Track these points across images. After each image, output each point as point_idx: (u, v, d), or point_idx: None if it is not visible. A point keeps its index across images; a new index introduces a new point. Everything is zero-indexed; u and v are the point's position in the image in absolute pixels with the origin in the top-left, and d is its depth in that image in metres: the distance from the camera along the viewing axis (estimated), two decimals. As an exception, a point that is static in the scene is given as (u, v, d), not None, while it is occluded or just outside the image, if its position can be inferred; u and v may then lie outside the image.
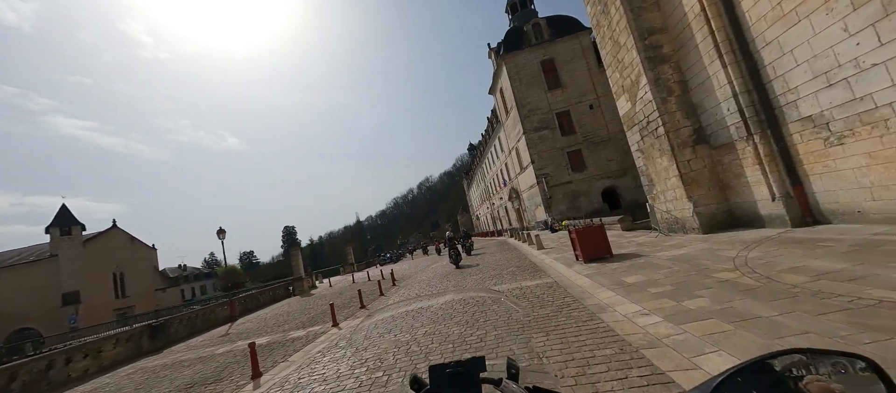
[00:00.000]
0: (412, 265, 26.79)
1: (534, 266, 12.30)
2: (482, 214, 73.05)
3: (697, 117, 10.80)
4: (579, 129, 31.94)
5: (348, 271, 34.01)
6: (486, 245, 29.49)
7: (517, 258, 15.50)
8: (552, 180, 31.67)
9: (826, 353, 0.70)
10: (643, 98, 11.70)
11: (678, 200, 11.31)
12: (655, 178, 12.47)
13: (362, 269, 37.37)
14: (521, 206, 39.74)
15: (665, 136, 11.03)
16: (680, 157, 10.83)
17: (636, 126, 12.90)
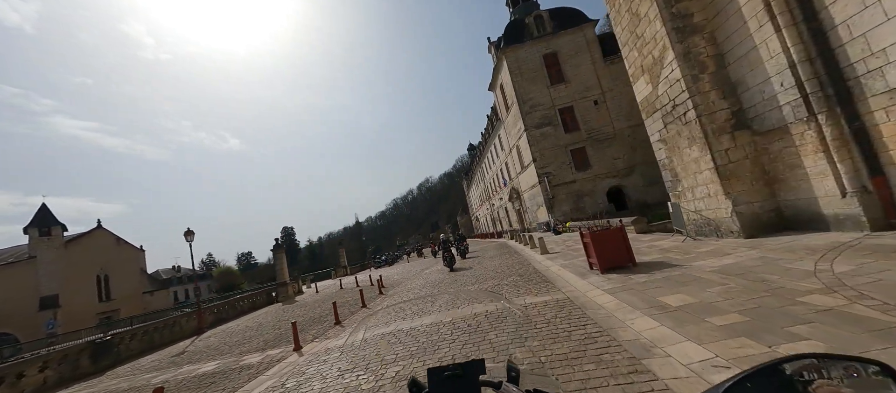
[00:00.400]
0: (405, 270, 24.91)
1: (538, 275, 10.41)
2: (482, 215, 71.15)
3: (737, 97, 8.92)
4: (584, 125, 30.08)
5: (341, 274, 32.14)
6: (485, 248, 27.60)
7: (519, 264, 13.62)
8: (555, 179, 29.80)
9: (838, 357, 0.68)
10: (668, 77, 9.83)
11: (711, 198, 9.42)
12: (681, 172, 10.59)
13: (356, 272, 35.53)
14: (522, 206, 37.86)
15: (696, 121, 9.15)
16: (715, 146, 8.94)
17: (658, 112, 11.02)
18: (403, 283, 16.73)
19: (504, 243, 28.78)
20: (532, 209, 34.57)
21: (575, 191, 29.58)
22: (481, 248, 29.55)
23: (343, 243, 34.66)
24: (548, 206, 29.84)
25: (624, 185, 29.33)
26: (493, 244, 30.62)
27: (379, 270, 32.72)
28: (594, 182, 29.51)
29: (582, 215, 28.83)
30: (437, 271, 17.70)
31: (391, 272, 24.13)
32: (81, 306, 35.69)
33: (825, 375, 0.66)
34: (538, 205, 32.26)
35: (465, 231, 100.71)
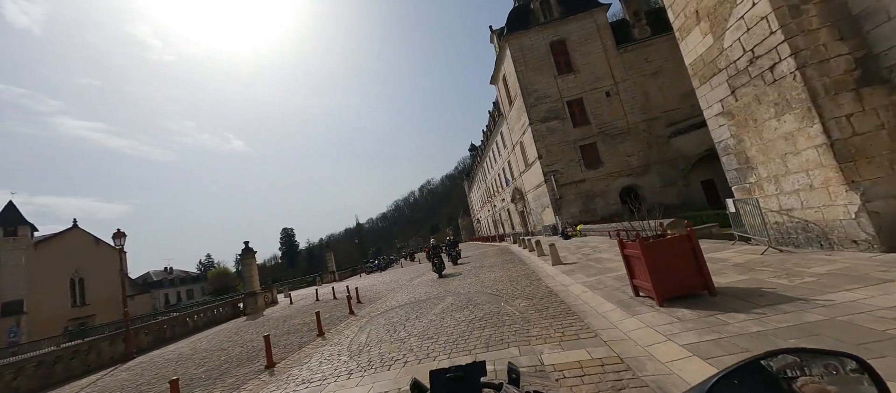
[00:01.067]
0: (394, 278, 21.86)
1: (555, 299, 7.33)
2: (483, 217, 68.04)
3: (863, 37, 5.83)
4: (594, 119, 26.97)
5: (328, 280, 29.08)
6: (485, 253, 24.52)
7: (525, 278, 10.53)
8: (562, 178, 26.69)
9: (818, 353, 0.69)
10: (745, 17, 6.74)
11: (814, 191, 6.32)
12: (758, 155, 7.47)
13: (346, 277, 32.46)
14: (526, 208, 34.73)
15: (794, 75, 6.06)
16: (828, 112, 5.84)
17: (721, 74, 7.91)
18: (385, 296, 13.66)
19: (506, 248, 25.68)
20: (537, 211, 31.44)
21: (585, 191, 26.45)
22: (481, 252, 26.49)
23: (331, 246, 31.57)
24: (555, 207, 26.71)
25: (638, 185, 26.17)
26: (495, 249, 27.54)
27: (370, 276, 29.70)
28: (606, 181, 26.37)
29: (592, 218, 25.71)
30: (426, 282, 14.68)
31: (378, 281, 21.10)
32: (51, 313, 32.82)
33: (807, 372, 0.67)
34: (543, 206, 29.15)
35: (466, 233, 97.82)
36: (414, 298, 11.35)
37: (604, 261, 10.45)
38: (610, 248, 12.79)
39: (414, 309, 9.36)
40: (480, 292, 9.78)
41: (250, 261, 18.86)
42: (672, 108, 26.19)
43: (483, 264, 16.93)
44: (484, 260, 19.12)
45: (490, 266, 15.61)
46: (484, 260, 19.12)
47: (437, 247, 17.06)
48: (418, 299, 10.80)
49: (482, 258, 20.79)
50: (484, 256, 21.79)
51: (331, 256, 30.85)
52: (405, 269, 28.71)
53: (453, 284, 12.31)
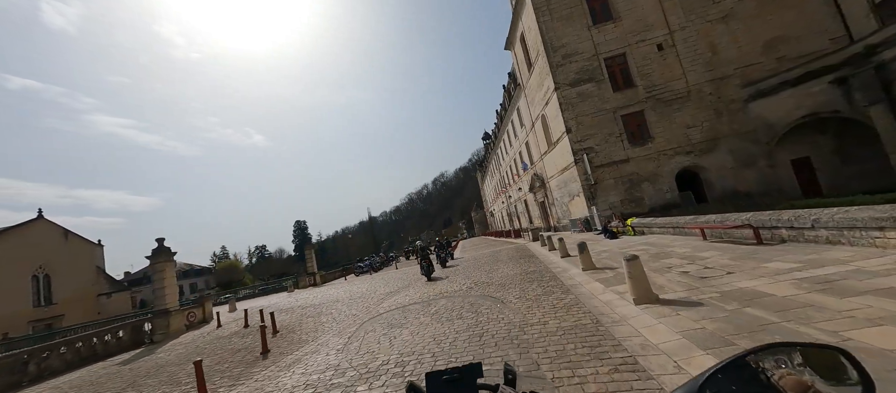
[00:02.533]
0: (376, 287, 16.20)
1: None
2: (497, 209, 61.71)
3: None
4: (641, 80, 20.34)
5: (306, 285, 23.69)
6: (496, 254, 18.39)
7: (576, 333, 4.46)
8: (598, 158, 20.26)
9: (802, 346, 0.70)
10: None
11: None
12: None
13: (331, 279, 26.97)
14: (548, 198, 28.35)
15: None
16: None
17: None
18: (321, 332, 7.86)
19: (523, 248, 19.50)
20: (562, 201, 25.06)
21: (628, 174, 19.95)
22: (491, 252, 20.43)
23: (310, 242, 26.10)
24: (587, 195, 20.33)
25: (702, 165, 19.48)
26: (510, 248, 21.40)
27: (358, 280, 24.14)
28: (657, 161, 19.77)
29: (638, 209, 19.25)
30: (415, 297, 8.94)
31: (355, 291, 15.45)
32: (8, 312, 28.68)
33: (791, 365, 0.68)
34: (571, 195, 22.77)
35: (480, 227, 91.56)
36: (375, 339, 5.55)
37: (758, 295, 4.28)
38: (722, 256, 6.63)
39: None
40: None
41: (164, 266, 13.42)
42: (750, 62, 19.28)
43: (492, 276, 10.88)
44: (494, 269, 13.09)
45: (499, 282, 9.53)
46: (494, 269, 13.09)
47: (426, 248, 16.39)
48: (380, 337, 5.00)
49: (491, 264, 14.74)
50: (494, 261, 15.75)
51: (311, 255, 25.30)
52: (401, 270, 23.00)
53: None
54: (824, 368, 0.67)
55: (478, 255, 21.33)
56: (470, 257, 20.63)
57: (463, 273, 13.65)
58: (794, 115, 17.73)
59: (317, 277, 24.22)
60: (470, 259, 19.44)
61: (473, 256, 21.39)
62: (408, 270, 22.20)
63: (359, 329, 7.88)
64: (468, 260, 19.17)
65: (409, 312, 7.76)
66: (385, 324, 6.81)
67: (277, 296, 22.90)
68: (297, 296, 19.05)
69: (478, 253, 22.78)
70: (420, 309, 7.60)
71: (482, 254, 21.20)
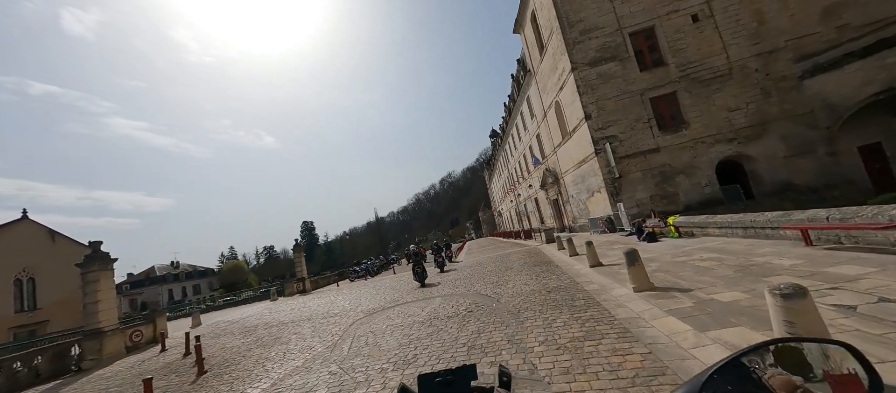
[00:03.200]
0: (365, 297, 13.69)
1: None
2: (505, 209, 58.83)
3: None
4: (673, 57, 17.42)
5: (293, 292, 21.18)
6: (507, 257, 15.62)
7: None
8: (622, 148, 17.41)
9: (807, 340, 0.69)
10: None
11: None
12: None
13: (323, 285, 24.50)
14: (562, 195, 25.48)
15: None
16: None
17: None
18: (281, 376, 5.31)
19: (537, 251, 16.71)
20: (578, 199, 22.19)
21: (658, 165, 17.05)
22: (499, 256, 17.67)
23: (300, 245, 23.53)
24: (610, 191, 17.48)
25: (747, 155, 16.49)
26: (520, 251, 18.62)
27: (352, 287, 21.64)
28: (693, 150, 16.83)
29: (671, 206, 16.37)
30: (398, 321, 6.35)
31: (337, 305, 12.96)
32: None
33: (797, 359, 0.67)
34: (590, 191, 19.92)
35: (488, 227, 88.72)
36: None
37: None
38: (887, 275, 3.78)
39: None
40: None
41: (98, 276, 11.09)
42: (805, 32, 16.23)
43: (500, 289, 8.20)
44: (503, 277, 10.40)
45: (518, 296, 6.84)
46: (503, 277, 10.40)
47: (419, 253, 14.61)
48: None
49: (499, 269, 12.03)
50: (504, 266, 13.03)
51: (301, 260, 22.79)
52: (398, 276, 20.43)
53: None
54: (829, 363, 0.65)
55: (484, 259, 18.62)
56: (475, 262, 17.94)
57: (465, 283, 10.99)
58: (862, 93, 14.66)
59: (305, 283, 21.75)
60: (474, 264, 16.75)
61: (479, 260, 18.69)
62: (406, 275, 19.58)
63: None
64: (472, 265, 16.49)
65: (381, 349, 5.19)
66: (346, 365, 4.43)
67: (254, 306, 20.36)
68: (276, 307, 16.58)
69: (484, 257, 20.07)
70: (397, 344, 5.04)
71: (489, 258, 18.48)
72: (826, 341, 0.69)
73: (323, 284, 24.32)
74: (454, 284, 11.46)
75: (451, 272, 16.51)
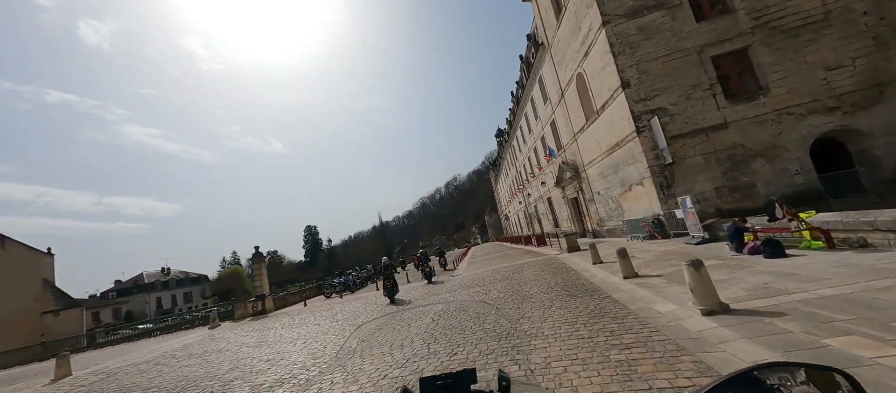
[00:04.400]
0: (328, 331, 9.31)
1: None
2: (512, 212, 54.08)
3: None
4: (743, 1, 12.76)
5: (245, 313, 16.57)
6: (519, 272, 10.77)
7: None
8: (674, 124, 12.76)
9: (803, 366, 0.69)
10: None
11: None
12: None
13: (296, 301, 19.91)
14: (583, 192, 20.76)
15: None
16: None
17: None
18: None
19: (558, 264, 11.98)
20: (608, 195, 17.49)
21: (726, 146, 12.35)
22: (507, 269, 12.89)
23: (261, 257, 19.07)
24: (658, 182, 12.80)
25: (854, 128, 11.70)
26: (536, 263, 13.88)
27: (330, 301, 17.18)
28: (776, 125, 12.09)
29: (746, 202, 11.70)
30: None
31: (280, 346, 8.77)
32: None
33: (794, 383, 0.67)
34: (626, 185, 15.23)
35: (494, 232, 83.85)
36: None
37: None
38: None
39: None
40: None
41: None
42: (941, -46, 11.44)
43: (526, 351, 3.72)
44: (514, 334, 5.83)
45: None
46: (514, 334, 5.83)
47: (390, 267, 12.80)
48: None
49: (518, 304, 7.48)
50: (518, 298, 8.45)
51: (261, 272, 18.17)
52: (381, 294, 15.95)
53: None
54: (826, 388, 0.65)
55: (487, 273, 14.00)
56: (475, 276, 13.33)
57: (446, 330, 6.44)
58: None
59: (265, 301, 17.32)
60: (474, 280, 12.16)
61: (481, 274, 14.07)
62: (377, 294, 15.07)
63: None
64: (471, 282, 11.88)
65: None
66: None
67: (175, 339, 15.49)
68: (197, 344, 12.16)
69: (488, 269, 15.47)
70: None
71: (494, 273, 13.87)
72: (823, 368, 0.68)
73: (293, 300, 19.85)
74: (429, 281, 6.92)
75: (440, 284, 11.99)
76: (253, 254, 18.55)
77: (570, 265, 11.58)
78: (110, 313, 50.95)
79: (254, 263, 18.39)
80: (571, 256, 13.75)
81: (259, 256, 18.72)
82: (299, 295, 21.20)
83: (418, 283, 16.34)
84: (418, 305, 9.92)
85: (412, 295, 12.67)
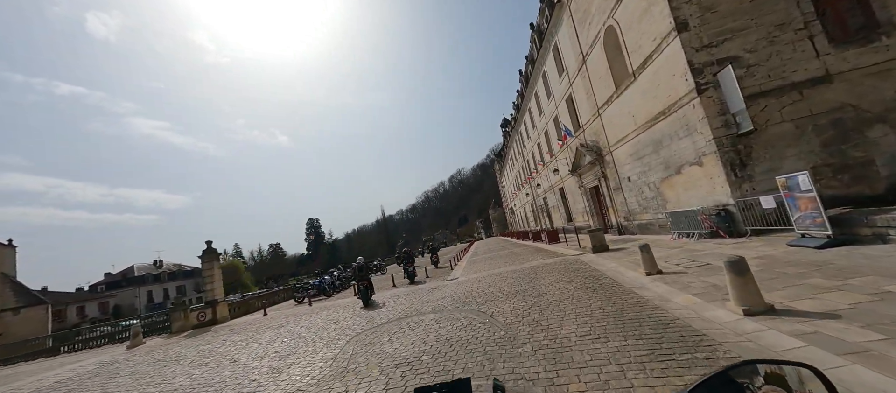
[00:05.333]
0: (268, 362, 5.75)
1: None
2: (518, 205, 50.51)
3: None
4: None
5: (188, 325, 13.00)
6: (534, 279, 7.17)
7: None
8: (752, 79, 9.09)
9: (777, 362, 0.71)
10: None
11: None
12: None
13: (261, 307, 16.20)
14: (607, 179, 17.13)
15: None
16: None
17: None
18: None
19: (586, 269, 8.42)
20: (643, 181, 13.86)
21: (828, 109, 8.67)
22: (515, 272, 9.28)
23: (213, 251, 15.50)
24: (729, 159, 9.17)
25: None
26: (554, 266, 10.37)
27: (299, 310, 13.89)
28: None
29: (856, 185, 7.99)
30: None
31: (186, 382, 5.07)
32: None
33: (765, 381, 0.69)
34: (671, 166, 11.60)
35: (498, 226, 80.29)
36: None
37: None
38: None
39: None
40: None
41: None
42: None
43: None
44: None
45: None
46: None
47: (365, 267, 11.92)
48: None
49: (541, 366, 3.95)
50: (537, 327, 4.90)
51: (212, 272, 14.41)
52: (356, 302, 12.63)
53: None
54: (795, 383, 0.67)
55: (489, 280, 10.53)
56: (474, 285, 9.88)
57: None
58: None
59: (216, 309, 13.95)
60: (474, 291, 8.74)
61: (481, 281, 10.62)
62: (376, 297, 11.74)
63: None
64: (467, 295, 8.46)
65: None
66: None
67: (81, 358, 11.88)
68: (77, 380, 8.88)
69: (491, 272, 12.02)
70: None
71: (500, 278, 10.41)
72: (794, 364, 0.70)
73: (257, 306, 16.35)
74: None
75: (425, 292, 8.56)
76: (204, 250, 15.20)
77: (605, 273, 8.07)
78: (97, 308, 48.40)
79: (204, 261, 15.06)
80: (601, 259, 10.23)
81: (211, 251, 15.37)
82: (271, 298, 17.87)
83: (403, 287, 12.96)
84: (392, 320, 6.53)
85: (388, 314, 9.25)
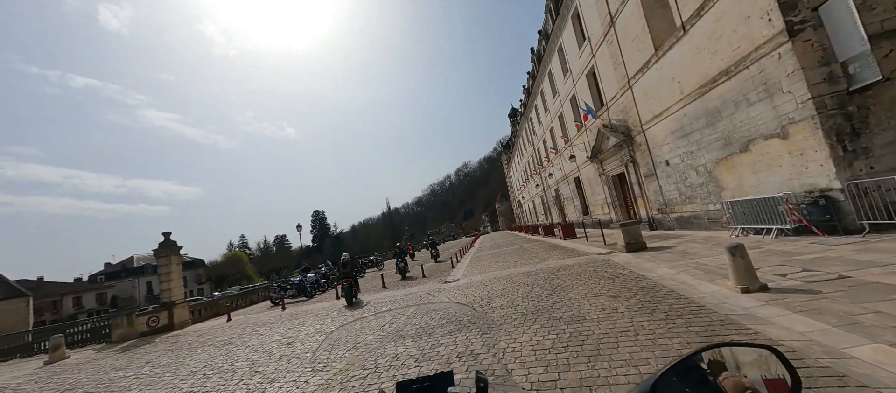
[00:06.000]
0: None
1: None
2: (527, 197, 47.86)
3: None
4: None
5: (137, 332, 10.88)
6: (559, 289, 4.77)
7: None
8: (871, 15, 6.38)
9: (741, 345, 0.73)
10: None
11: None
12: None
13: (227, 311, 13.90)
14: (637, 165, 14.49)
15: None
16: None
17: None
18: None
19: (640, 284, 5.82)
20: (693, 163, 11.22)
21: None
22: (530, 274, 6.82)
23: (174, 245, 13.38)
24: (833, 130, 6.54)
25: None
26: (581, 268, 7.92)
27: (272, 314, 11.71)
28: None
29: None
30: None
31: None
32: None
33: (730, 363, 0.72)
34: (733, 144, 8.97)
35: (505, 220, 77.70)
36: None
37: None
38: None
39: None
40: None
41: None
42: None
43: None
44: None
45: None
46: None
47: (349, 264, 11.26)
48: None
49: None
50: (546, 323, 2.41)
51: (169, 268, 12.32)
52: (338, 305, 10.40)
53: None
54: (758, 365, 0.70)
55: (496, 285, 8.16)
56: (478, 290, 7.52)
57: None
58: None
59: (173, 312, 11.90)
60: (477, 300, 6.40)
61: (487, 286, 8.25)
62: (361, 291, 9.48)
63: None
64: (466, 314, 6.10)
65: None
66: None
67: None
68: None
69: (499, 274, 9.66)
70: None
71: (512, 283, 8.03)
72: (755, 346, 0.72)
73: (225, 307, 13.95)
74: None
75: (416, 296, 6.19)
76: (160, 243, 13.08)
77: (661, 284, 5.61)
78: (94, 298, 47.29)
79: (159, 256, 12.92)
80: (642, 261, 7.74)
81: (168, 244, 13.18)
82: (247, 298, 15.74)
83: (392, 291, 10.62)
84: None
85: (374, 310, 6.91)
